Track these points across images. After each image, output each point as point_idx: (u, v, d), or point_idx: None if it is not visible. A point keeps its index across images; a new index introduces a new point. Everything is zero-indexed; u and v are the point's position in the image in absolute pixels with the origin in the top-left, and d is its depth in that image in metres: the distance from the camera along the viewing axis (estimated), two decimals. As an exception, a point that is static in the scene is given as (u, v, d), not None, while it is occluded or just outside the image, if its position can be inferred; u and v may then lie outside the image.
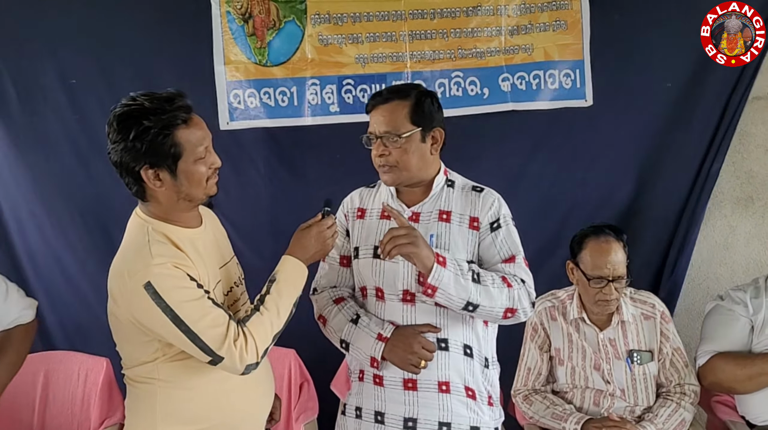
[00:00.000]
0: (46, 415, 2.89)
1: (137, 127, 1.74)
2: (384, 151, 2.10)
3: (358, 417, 2.20)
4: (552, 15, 3.36)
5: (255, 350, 1.80)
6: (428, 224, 2.14)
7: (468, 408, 2.11)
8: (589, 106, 3.41)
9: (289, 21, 3.25)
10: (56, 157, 3.23)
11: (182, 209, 1.88)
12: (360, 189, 2.34)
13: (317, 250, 2.01)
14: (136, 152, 1.76)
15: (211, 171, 1.87)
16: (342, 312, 2.18)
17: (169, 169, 1.79)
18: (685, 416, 2.61)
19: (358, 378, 2.22)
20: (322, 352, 2.50)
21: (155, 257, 1.74)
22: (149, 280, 1.71)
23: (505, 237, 2.14)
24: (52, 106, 3.19)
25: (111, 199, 3.19)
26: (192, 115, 1.84)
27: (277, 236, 3.27)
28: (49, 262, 3.30)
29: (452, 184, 2.22)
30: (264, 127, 3.30)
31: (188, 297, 1.75)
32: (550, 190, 3.45)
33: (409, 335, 2.07)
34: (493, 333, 2.24)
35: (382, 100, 2.14)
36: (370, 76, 3.33)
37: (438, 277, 1.93)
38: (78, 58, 3.17)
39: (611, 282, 2.56)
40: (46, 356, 2.98)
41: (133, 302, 1.75)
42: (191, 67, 3.20)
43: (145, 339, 1.83)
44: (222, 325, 1.77)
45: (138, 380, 1.91)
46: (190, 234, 1.90)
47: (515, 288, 2.04)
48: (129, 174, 1.81)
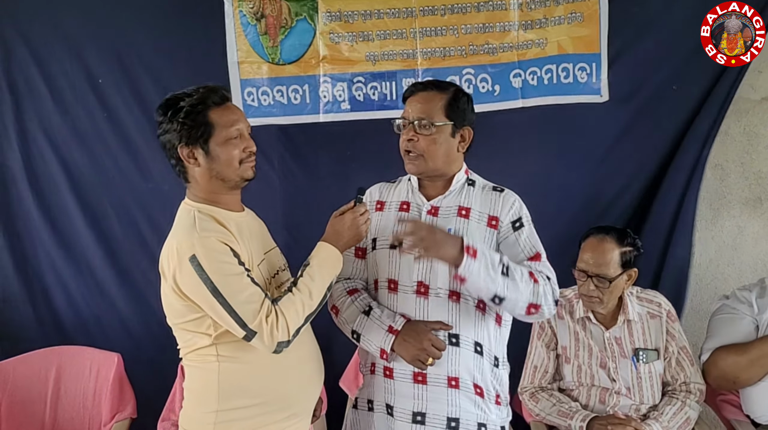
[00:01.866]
0: (58, 409, 2.95)
1: (174, 107, 1.93)
2: (413, 137, 2.14)
3: (371, 410, 2.22)
4: (568, 7, 3.30)
5: (286, 328, 1.89)
6: (447, 218, 2.17)
7: (476, 405, 2.13)
8: (604, 102, 3.36)
9: (300, 19, 3.27)
10: (87, 152, 3.34)
11: (218, 190, 2.00)
12: (380, 184, 2.38)
13: (351, 236, 2.11)
14: (173, 131, 1.93)
15: (245, 155, 1.99)
16: (355, 303, 2.20)
17: (203, 147, 1.94)
18: (691, 414, 2.62)
19: (369, 371, 2.25)
20: (331, 349, 2.53)
21: (201, 232, 1.88)
22: (194, 253, 1.84)
23: (529, 236, 2.17)
24: (82, 104, 3.30)
25: (139, 193, 3.35)
26: (228, 102, 1.99)
27: (290, 229, 3.35)
28: (74, 256, 3.40)
29: (473, 183, 2.26)
30: (277, 124, 3.33)
31: (228, 271, 1.86)
32: (560, 189, 3.42)
33: (420, 331, 2.08)
34: (506, 333, 2.25)
35: (422, 87, 2.19)
36: (380, 73, 3.34)
37: (468, 269, 1.94)
38: (101, 58, 3.28)
39: (591, 278, 2.60)
40: (59, 351, 3.04)
41: (180, 274, 1.86)
42: (206, 66, 3.26)
43: (197, 315, 1.93)
44: (257, 301, 1.87)
45: (198, 360, 2.00)
46: (234, 216, 2.02)
47: (541, 284, 2.05)
48: (171, 155, 1.98)
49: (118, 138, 3.32)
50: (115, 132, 3.32)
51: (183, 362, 2.06)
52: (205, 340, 1.96)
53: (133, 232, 3.37)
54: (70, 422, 2.93)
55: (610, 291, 2.61)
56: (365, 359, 2.29)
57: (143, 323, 3.37)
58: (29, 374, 2.75)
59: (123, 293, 3.38)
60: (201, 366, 2.00)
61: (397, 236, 2.13)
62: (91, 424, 2.92)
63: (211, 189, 2.00)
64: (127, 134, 3.31)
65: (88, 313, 3.41)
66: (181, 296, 1.90)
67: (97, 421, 2.91)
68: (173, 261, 1.87)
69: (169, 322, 2.02)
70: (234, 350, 1.96)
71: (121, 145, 3.32)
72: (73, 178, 3.34)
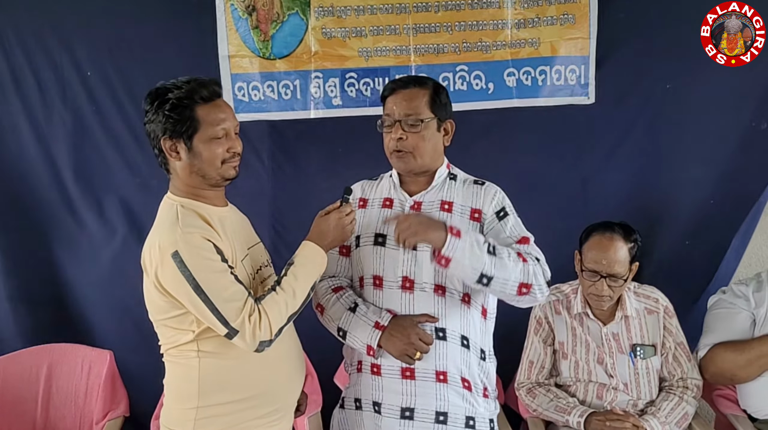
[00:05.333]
0: (50, 407, 2.92)
1: (161, 99, 1.89)
2: (402, 135, 2.12)
3: (358, 408, 2.21)
4: (560, 8, 3.31)
5: (268, 327, 1.87)
6: (430, 213, 2.16)
7: (464, 399, 2.13)
8: (592, 104, 3.38)
9: (292, 14, 3.24)
10: (74, 147, 3.28)
11: (198, 185, 1.97)
12: (362, 181, 2.37)
13: (336, 236, 2.09)
14: (158, 122, 1.90)
15: (229, 155, 1.96)
16: (340, 301, 2.19)
17: (186, 143, 1.91)
18: (688, 409, 2.62)
19: (356, 370, 2.24)
20: (325, 345, 2.51)
21: (184, 228, 1.85)
22: (177, 249, 1.81)
23: (514, 224, 2.18)
24: (70, 98, 3.24)
25: (126, 189, 3.29)
26: (218, 98, 1.96)
27: (279, 226, 3.33)
28: (67, 252, 3.33)
29: (454, 177, 2.26)
30: (268, 119, 3.30)
31: (211, 269, 1.84)
32: (552, 188, 3.43)
33: (407, 325, 2.08)
34: (491, 326, 2.25)
35: (402, 85, 2.17)
36: (373, 69, 3.31)
37: (452, 247, 1.93)
38: (91, 52, 3.21)
39: (604, 278, 2.57)
40: (49, 349, 3.00)
41: (162, 271, 1.84)
42: (196, 60, 3.20)
43: (179, 312, 1.90)
44: (240, 300, 1.85)
45: (178, 356, 1.98)
46: (218, 212, 2.00)
47: (530, 264, 2.03)
48: (154, 144, 1.95)
49: (106, 132, 3.26)
50: (104, 126, 3.26)
51: (164, 358, 2.04)
52: (188, 336, 1.93)
53: (120, 226, 3.31)
54: (62, 420, 2.89)
55: (619, 288, 2.60)
56: (351, 357, 2.29)
57: (135, 319, 3.28)
58: (19, 373, 2.71)
59: (111, 289, 3.33)
60: (181, 362, 1.98)
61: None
62: (83, 423, 2.89)
63: (192, 184, 1.97)
64: (115, 129, 3.26)
65: (74, 310, 3.34)
66: (163, 293, 1.88)
67: (89, 419, 2.88)
68: (155, 257, 1.85)
69: (151, 318, 2.00)
70: (215, 346, 1.94)
71: (110, 139, 3.27)
72: (59, 172, 3.27)
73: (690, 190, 3.42)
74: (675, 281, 3.23)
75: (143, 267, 1.94)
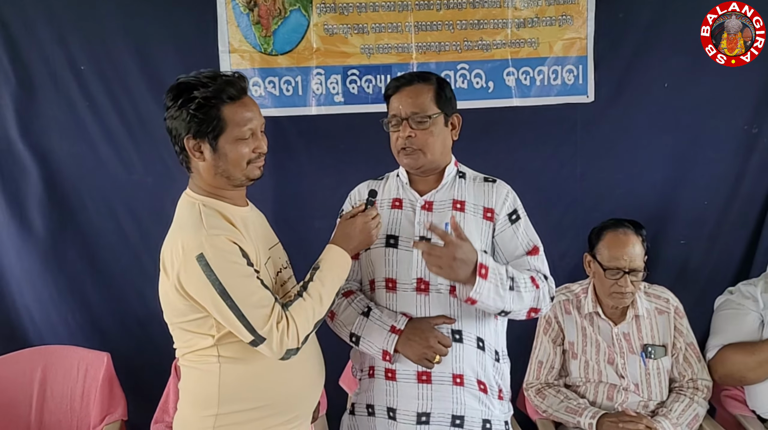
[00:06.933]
0: (45, 411, 2.84)
1: (186, 96, 1.80)
2: (411, 133, 2.08)
3: (371, 414, 2.15)
4: (558, 9, 3.33)
5: (296, 335, 1.81)
6: (442, 212, 2.12)
7: (480, 402, 2.09)
8: (590, 102, 3.38)
9: (294, 10, 3.21)
10: (66, 143, 3.20)
11: (222, 186, 1.90)
12: (367, 182, 2.32)
13: (361, 240, 2.04)
14: (181, 120, 1.81)
15: (254, 155, 1.90)
16: (352, 305, 2.14)
17: (211, 143, 1.83)
18: (699, 410, 2.61)
19: (368, 375, 2.17)
20: (330, 348, 2.46)
21: (209, 229, 1.77)
22: (202, 252, 1.73)
23: (525, 229, 2.15)
24: (63, 92, 3.16)
25: (121, 186, 3.23)
26: (245, 96, 1.87)
27: (280, 224, 3.21)
28: (53, 254, 3.23)
29: (463, 175, 2.22)
30: (269, 116, 3.21)
31: (238, 273, 1.77)
32: (551, 187, 3.43)
33: (425, 328, 2.03)
34: (503, 327, 2.22)
35: (406, 82, 2.13)
36: (375, 66, 3.30)
37: (479, 291, 1.91)
38: (86, 45, 3.15)
39: (627, 274, 2.55)
40: (44, 351, 2.93)
41: (185, 273, 1.76)
42: (196, 55, 3.15)
43: (199, 315, 1.83)
44: (267, 306, 1.78)
45: (197, 361, 1.90)
46: (240, 212, 1.93)
47: (541, 288, 2.05)
48: (176, 143, 1.86)
49: (101, 128, 3.19)
50: (98, 122, 3.18)
51: (180, 362, 1.96)
52: (207, 340, 1.85)
53: (113, 226, 3.24)
54: (57, 425, 2.82)
55: (639, 283, 2.60)
56: (361, 362, 2.23)
57: (132, 321, 3.25)
58: (13, 375, 2.64)
59: (102, 289, 3.25)
60: (200, 367, 1.90)
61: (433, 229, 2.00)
62: (79, 427, 2.82)
63: (215, 184, 1.89)
64: (110, 124, 3.19)
65: (64, 310, 3.24)
66: (184, 296, 1.80)
67: (85, 423, 2.81)
68: (178, 258, 1.76)
69: (167, 320, 1.92)
70: (236, 351, 1.86)
71: (104, 135, 3.19)
72: (49, 169, 3.18)
73: (689, 189, 3.44)
74: (672, 280, 3.23)
75: (162, 268, 1.86)
